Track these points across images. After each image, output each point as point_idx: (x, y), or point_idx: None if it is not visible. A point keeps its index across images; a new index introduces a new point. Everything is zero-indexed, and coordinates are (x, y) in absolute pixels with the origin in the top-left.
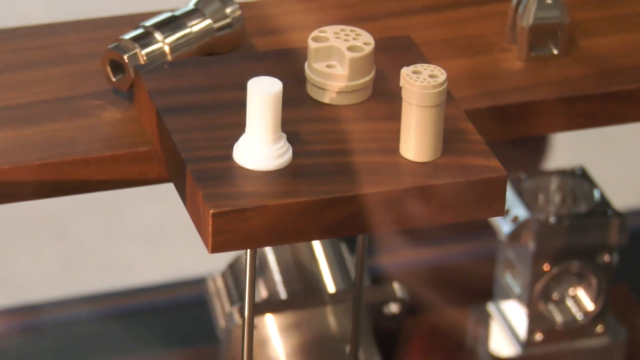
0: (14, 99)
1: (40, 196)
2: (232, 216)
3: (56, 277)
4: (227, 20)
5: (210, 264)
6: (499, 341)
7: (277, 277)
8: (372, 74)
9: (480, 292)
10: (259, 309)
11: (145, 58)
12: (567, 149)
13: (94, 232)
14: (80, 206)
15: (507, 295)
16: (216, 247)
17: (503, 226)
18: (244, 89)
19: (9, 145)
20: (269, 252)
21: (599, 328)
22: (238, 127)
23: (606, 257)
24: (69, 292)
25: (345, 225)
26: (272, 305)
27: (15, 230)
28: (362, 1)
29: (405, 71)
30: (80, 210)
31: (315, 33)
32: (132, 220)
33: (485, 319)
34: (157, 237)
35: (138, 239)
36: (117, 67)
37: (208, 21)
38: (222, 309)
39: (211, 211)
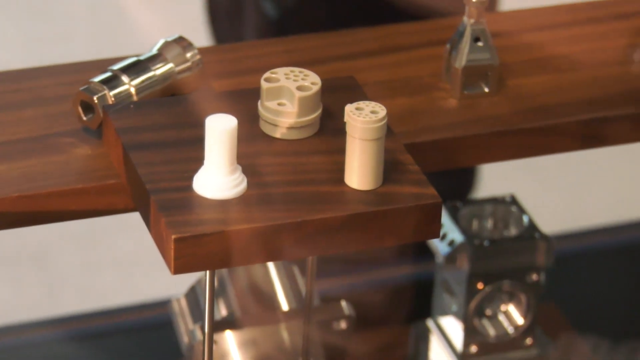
0: (5, 135)
1: (18, 225)
2: (192, 241)
3: (35, 301)
4: (188, 64)
5: (174, 287)
6: (438, 354)
7: (234, 296)
8: (319, 111)
9: (420, 309)
10: (218, 326)
11: (113, 99)
12: (498, 178)
13: (70, 261)
14: (58, 237)
15: (445, 312)
16: (178, 269)
17: (441, 249)
18: (202, 126)
19: (15, 179)
20: (227, 273)
21: (528, 341)
22: (197, 160)
23: (534, 277)
24: (46, 314)
25: (296, 248)
26: (231, 322)
27: None
28: (310, 46)
29: (349, 108)
30: (58, 241)
31: (267, 74)
32: (104, 248)
33: (425, 334)
34: (127, 263)
35: (110, 265)
36: (88, 107)
37: (170, 65)
38: (186, 327)
39: (173, 237)
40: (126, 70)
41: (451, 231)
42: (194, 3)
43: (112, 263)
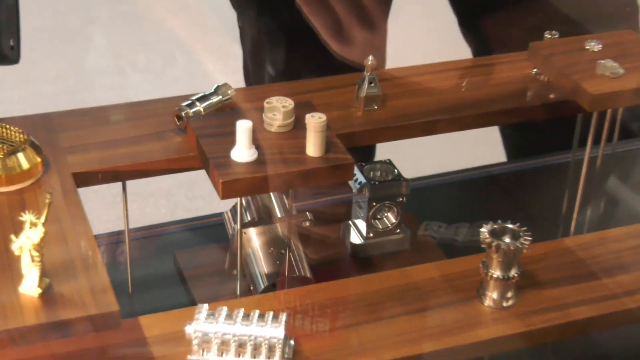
0: (133, 133)
1: (146, 177)
2: (230, 183)
3: (164, 214)
4: (229, 96)
5: (225, 206)
6: (354, 237)
7: (254, 210)
8: (293, 118)
9: (345, 216)
10: (245, 225)
11: (191, 113)
12: (384, 150)
13: (179, 194)
14: (172, 181)
15: (357, 216)
16: (224, 196)
17: (355, 186)
18: (235, 125)
19: (137, 154)
20: (250, 198)
21: (398, 230)
22: (233, 142)
23: (401, 199)
24: (169, 220)
25: (283, 185)
26: (252, 223)
27: (137, 195)
28: (290, 86)
29: (308, 116)
30: (173, 183)
31: (267, 100)
32: (197, 189)
33: (348, 228)
34: (207, 195)
35: (199, 196)
36: (179, 117)
37: (220, 96)
38: (230, 225)
39: (221, 180)
40: (198, 99)
41: (359, 177)
42: (239, 69)
43: (200, 195)
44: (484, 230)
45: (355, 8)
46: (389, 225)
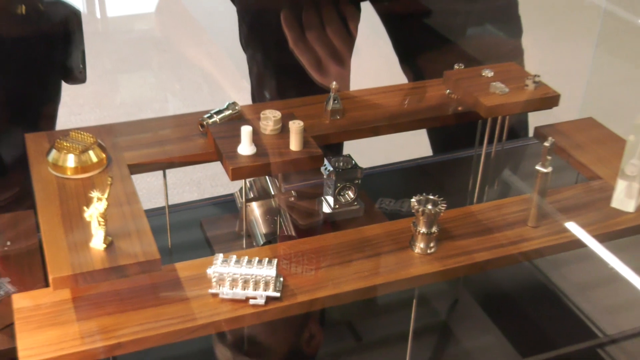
0: (170, 136)
1: (180, 166)
2: (237, 168)
3: (200, 196)
4: (237, 110)
5: (235, 188)
6: (326, 208)
7: (255, 189)
8: (280, 124)
9: (319, 193)
10: (249, 200)
11: (210, 122)
12: (348, 148)
13: (206, 182)
14: (204, 170)
15: (327, 194)
16: (233, 178)
17: (325, 172)
18: (240, 130)
19: (172, 150)
20: (252, 180)
21: (356, 203)
22: (239, 142)
23: (357, 181)
24: (194, 198)
25: (274, 170)
26: (254, 198)
27: (175, 184)
28: (280, 103)
29: (290, 122)
30: (205, 173)
31: (262, 112)
32: (216, 174)
33: (321, 202)
34: (225, 181)
35: (220, 183)
36: (202, 125)
37: (230, 111)
38: (239, 200)
39: (230, 167)
40: (215, 113)
41: (328, 166)
42: (248, 97)
43: (220, 184)
44: (413, 200)
45: (330, 50)
46: (349, 199)
